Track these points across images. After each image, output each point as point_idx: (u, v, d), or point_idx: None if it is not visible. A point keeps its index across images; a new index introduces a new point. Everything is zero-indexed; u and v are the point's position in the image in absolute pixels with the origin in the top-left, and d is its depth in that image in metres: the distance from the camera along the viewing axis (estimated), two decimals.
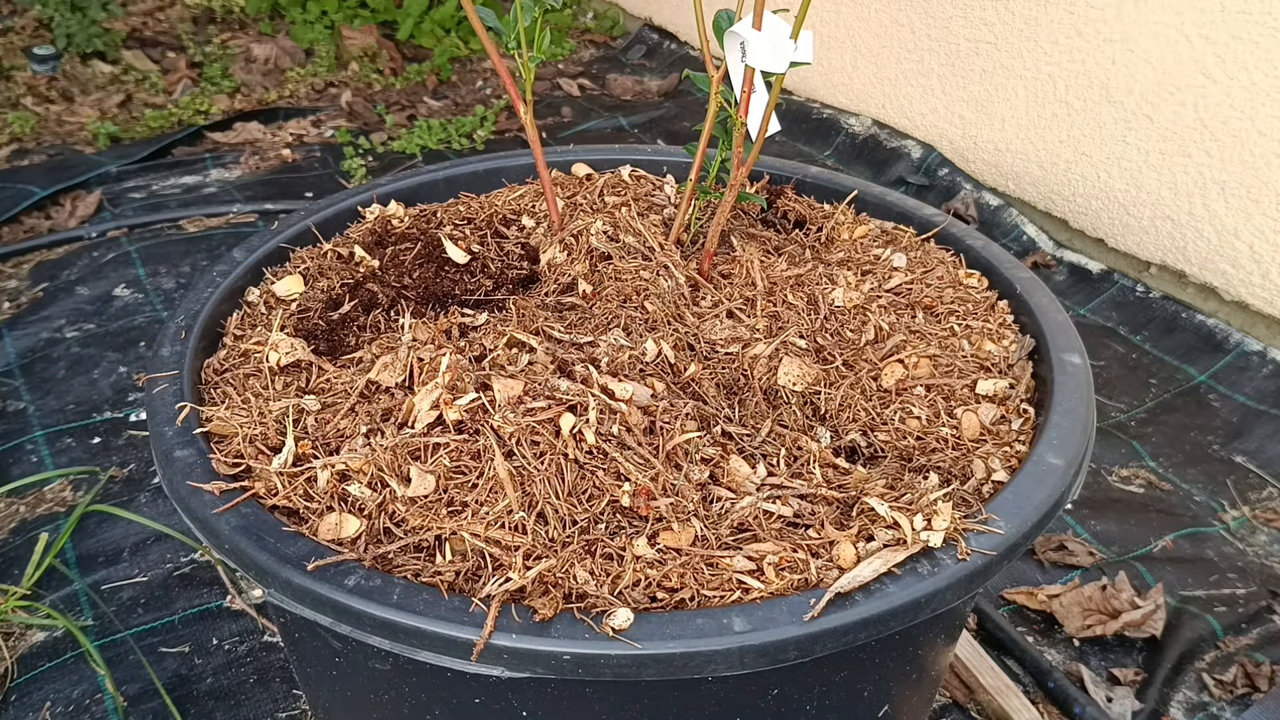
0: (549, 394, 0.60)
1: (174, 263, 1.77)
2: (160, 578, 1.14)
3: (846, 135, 2.21)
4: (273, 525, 0.57)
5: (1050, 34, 1.75)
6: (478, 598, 0.52)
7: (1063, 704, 1.00)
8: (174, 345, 0.72)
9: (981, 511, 0.59)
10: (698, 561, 0.55)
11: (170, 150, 2.26)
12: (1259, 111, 1.46)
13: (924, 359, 0.73)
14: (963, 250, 0.88)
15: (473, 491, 0.57)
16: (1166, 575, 1.15)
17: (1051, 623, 1.10)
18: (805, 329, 0.73)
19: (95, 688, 1.01)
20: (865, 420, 0.69)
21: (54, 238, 1.85)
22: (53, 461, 1.32)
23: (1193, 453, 1.37)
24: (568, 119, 2.46)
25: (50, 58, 2.59)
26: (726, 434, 0.64)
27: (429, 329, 0.71)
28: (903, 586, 0.54)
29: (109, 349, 1.54)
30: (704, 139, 0.73)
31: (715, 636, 0.51)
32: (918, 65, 2.06)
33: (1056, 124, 1.79)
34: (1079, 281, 1.74)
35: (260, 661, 1.04)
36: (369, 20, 2.92)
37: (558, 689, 0.57)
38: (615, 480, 0.57)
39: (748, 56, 0.66)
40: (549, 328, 0.68)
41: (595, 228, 0.77)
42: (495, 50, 0.73)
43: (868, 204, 0.95)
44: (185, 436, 0.64)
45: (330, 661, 0.65)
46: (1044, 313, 0.77)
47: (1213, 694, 1.02)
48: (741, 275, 0.77)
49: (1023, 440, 0.68)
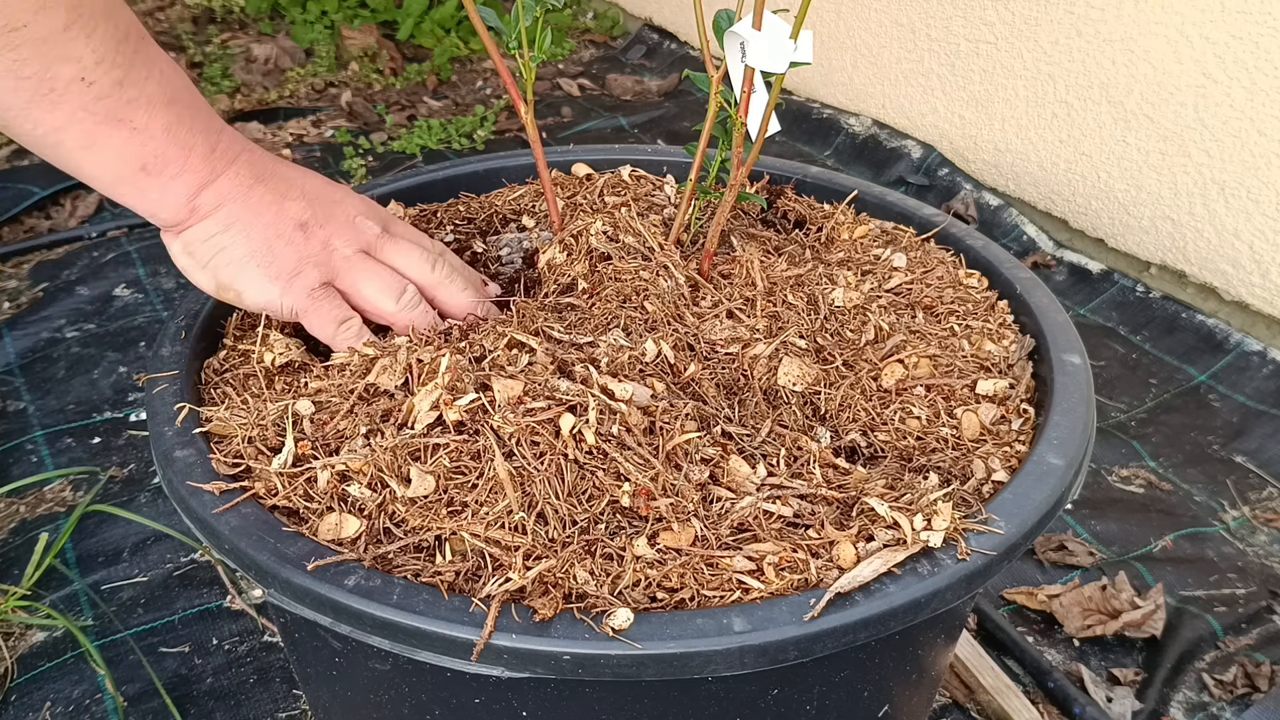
0: (549, 394, 0.60)
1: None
2: (160, 578, 1.14)
3: (846, 135, 2.21)
4: (273, 525, 0.57)
5: (1050, 34, 1.75)
6: (478, 598, 0.52)
7: (1063, 704, 1.00)
8: (174, 345, 0.72)
9: (981, 512, 0.59)
10: (698, 561, 0.55)
11: None
12: (1259, 111, 1.46)
13: (924, 359, 0.73)
14: (963, 250, 0.88)
15: (473, 492, 0.57)
16: (1166, 575, 1.15)
17: (1051, 623, 1.10)
18: (805, 329, 0.73)
19: (95, 688, 1.01)
20: (865, 420, 0.69)
21: (54, 238, 1.85)
22: (53, 461, 1.32)
23: (1193, 453, 1.37)
24: (568, 119, 2.46)
25: None
26: (726, 434, 0.64)
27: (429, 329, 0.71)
28: (903, 587, 0.54)
29: (109, 349, 1.54)
30: (704, 139, 0.73)
31: (715, 636, 0.51)
32: (918, 65, 2.06)
33: (1056, 124, 1.79)
34: (1079, 281, 1.74)
35: (260, 661, 1.04)
36: (369, 20, 2.92)
37: (558, 689, 0.57)
38: (615, 480, 0.57)
39: (748, 56, 0.66)
40: (549, 328, 0.68)
41: (595, 228, 0.77)
42: (496, 50, 0.73)
43: (868, 204, 0.95)
44: (185, 437, 0.64)
45: (330, 661, 0.65)
46: (1044, 313, 0.77)
47: (1213, 694, 1.02)
48: (741, 275, 0.77)
49: (1023, 440, 0.68)
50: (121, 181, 0.64)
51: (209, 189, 0.67)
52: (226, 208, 0.67)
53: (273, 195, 0.69)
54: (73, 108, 0.60)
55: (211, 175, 0.67)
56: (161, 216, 0.67)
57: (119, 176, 0.64)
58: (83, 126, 0.61)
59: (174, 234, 0.69)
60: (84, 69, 0.60)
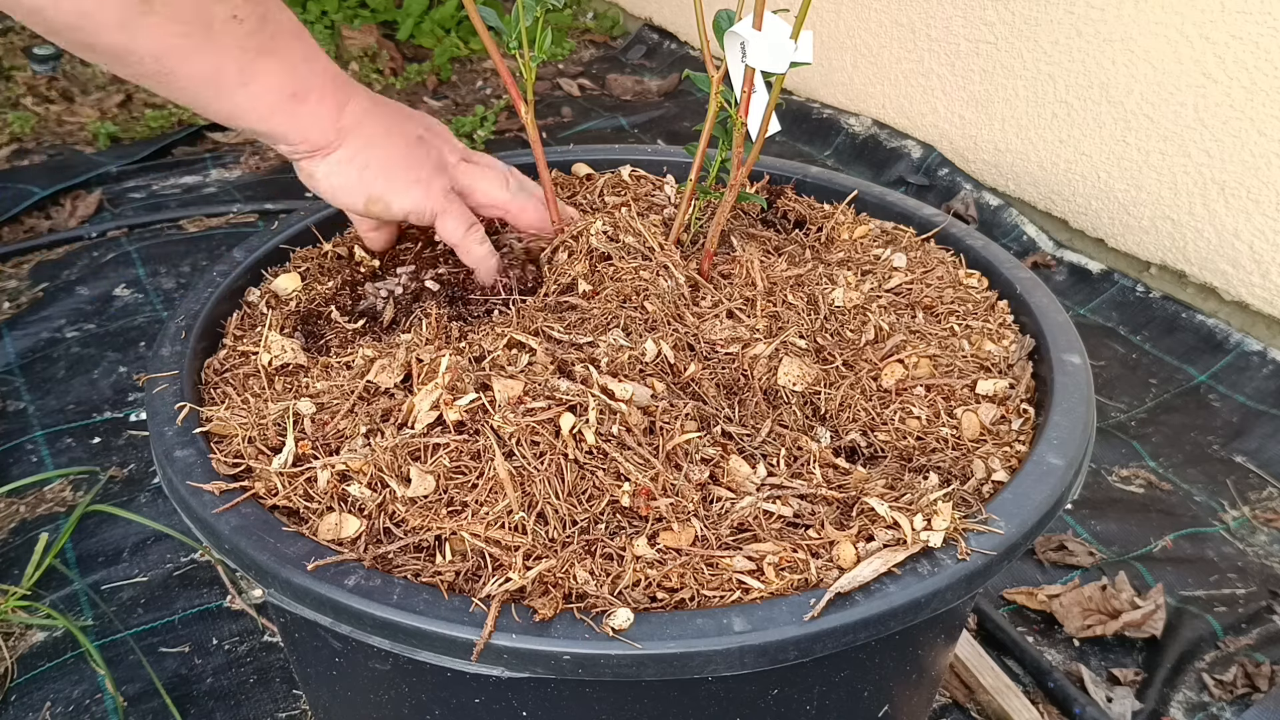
0: (549, 394, 0.60)
1: (174, 263, 1.77)
2: (160, 578, 1.14)
3: (846, 135, 2.21)
4: (273, 525, 0.57)
5: (1050, 34, 1.75)
6: (478, 598, 0.52)
7: (1063, 704, 1.00)
8: (174, 345, 0.72)
9: (981, 512, 0.59)
10: (698, 561, 0.55)
11: (170, 150, 2.26)
12: (1259, 111, 1.46)
13: (924, 359, 0.73)
14: (963, 250, 0.88)
15: (473, 492, 0.57)
16: (1166, 575, 1.15)
17: (1051, 623, 1.10)
18: (805, 329, 0.73)
19: (95, 688, 1.01)
20: (865, 420, 0.69)
21: (54, 238, 1.85)
22: (53, 461, 1.32)
23: (1193, 453, 1.37)
24: (568, 119, 2.46)
25: (50, 58, 2.59)
26: (726, 434, 0.64)
27: (429, 329, 0.71)
28: (903, 586, 0.54)
29: (109, 349, 1.54)
30: (704, 139, 0.73)
31: (715, 636, 0.51)
32: (918, 65, 2.06)
33: (1056, 124, 1.79)
34: (1079, 281, 1.74)
35: (260, 661, 1.04)
36: (369, 20, 2.92)
37: (558, 689, 0.57)
38: (615, 480, 0.57)
39: (748, 56, 0.66)
40: (549, 328, 0.68)
41: (595, 228, 0.77)
42: (496, 50, 0.73)
43: (868, 204, 0.95)
44: (185, 436, 0.64)
45: (330, 661, 0.65)
46: (1044, 313, 0.77)
47: (1213, 694, 1.02)
48: (741, 275, 0.77)
49: (1023, 440, 0.68)
50: (276, 111, 0.69)
51: (346, 111, 0.72)
52: (365, 127, 0.73)
53: (393, 114, 0.76)
54: (228, 44, 0.64)
55: (345, 98, 0.72)
56: (313, 139, 0.72)
57: (273, 107, 0.68)
58: (239, 63, 0.65)
59: (320, 157, 0.73)
60: (234, 7, 0.64)
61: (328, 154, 0.73)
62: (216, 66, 0.65)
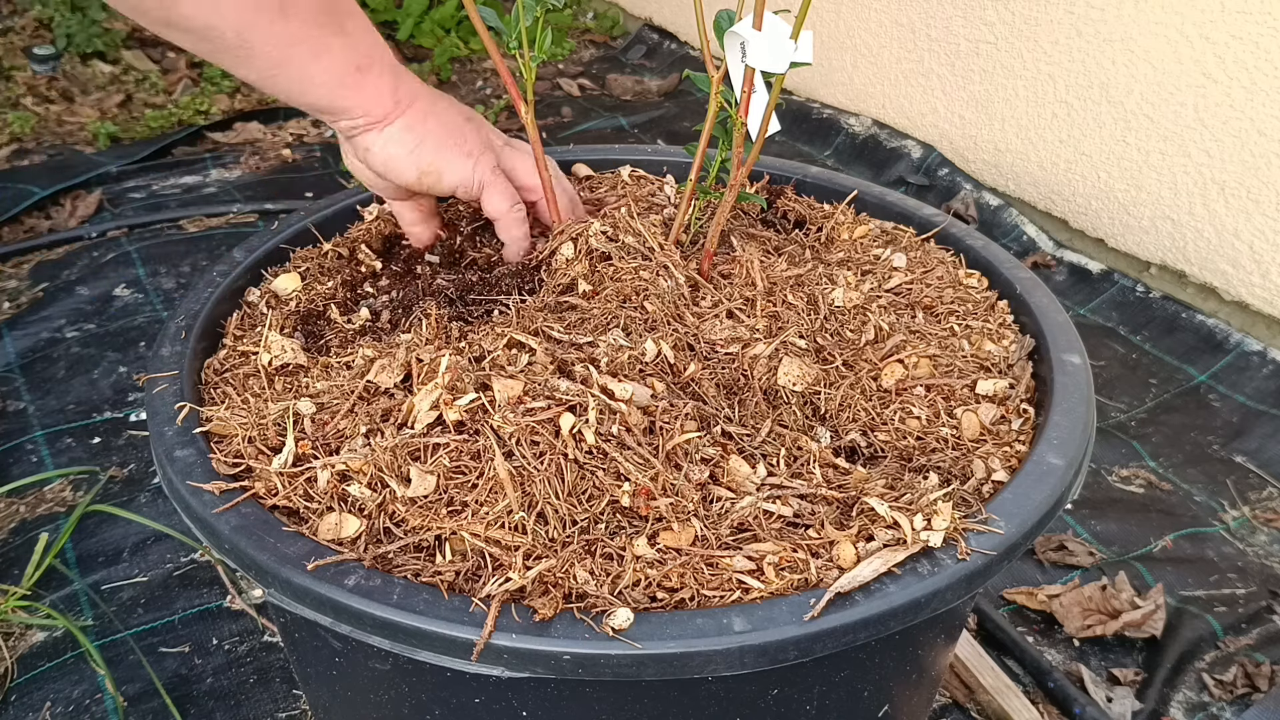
0: (549, 394, 0.60)
1: (174, 263, 1.77)
2: (160, 578, 1.14)
3: (846, 135, 2.21)
4: (273, 525, 0.57)
5: (1050, 34, 1.75)
6: (478, 598, 0.52)
7: (1063, 704, 1.00)
8: (174, 345, 0.72)
9: (981, 511, 0.59)
10: (698, 561, 0.55)
11: (170, 150, 2.26)
12: (1259, 111, 1.46)
13: (924, 359, 0.73)
14: (963, 250, 0.88)
15: (473, 491, 0.57)
16: (1166, 575, 1.15)
17: (1051, 623, 1.10)
18: (805, 329, 0.73)
19: (95, 688, 1.01)
20: (865, 420, 0.69)
21: (54, 238, 1.85)
22: (53, 461, 1.32)
23: (1193, 453, 1.37)
24: (568, 119, 2.46)
25: (50, 58, 2.59)
26: (726, 434, 0.64)
27: (429, 329, 0.71)
28: (903, 586, 0.54)
29: (109, 349, 1.54)
30: (704, 139, 0.73)
31: (715, 636, 0.51)
32: (918, 65, 2.06)
33: (1056, 124, 1.79)
34: (1079, 281, 1.74)
35: (260, 661, 1.04)
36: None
37: (558, 689, 0.57)
38: (615, 480, 0.57)
39: (748, 56, 0.66)
40: (548, 328, 0.68)
41: (595, 228, 0.77)
42: (496, 50, 0.73)
43: (868, 204, 0.95)
44: (185, 436, 0.64)
45: (330, 661, 0.65)
46: (1044, 313, 0.77)
47: (1213, 694, 1.02)
48: (741, 275, 0.77)
49: (1023, 440, 0.68)
50: (343, 84, 0.72)
51: (402, 85, 0.75)
52: (420, 101, 0.76)
53: (440, 94, 0.79)
54: (303, 19, 0.68)
55: (399, 73, 0.76)
56: (374, 112, 0.74)
57: (340, 79, 0.72)
58: (313, 36, 0.69)
59: (379, 129, 0.76)
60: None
61: (386, 125, 0.75)
62: (292, 40, 0.68)
